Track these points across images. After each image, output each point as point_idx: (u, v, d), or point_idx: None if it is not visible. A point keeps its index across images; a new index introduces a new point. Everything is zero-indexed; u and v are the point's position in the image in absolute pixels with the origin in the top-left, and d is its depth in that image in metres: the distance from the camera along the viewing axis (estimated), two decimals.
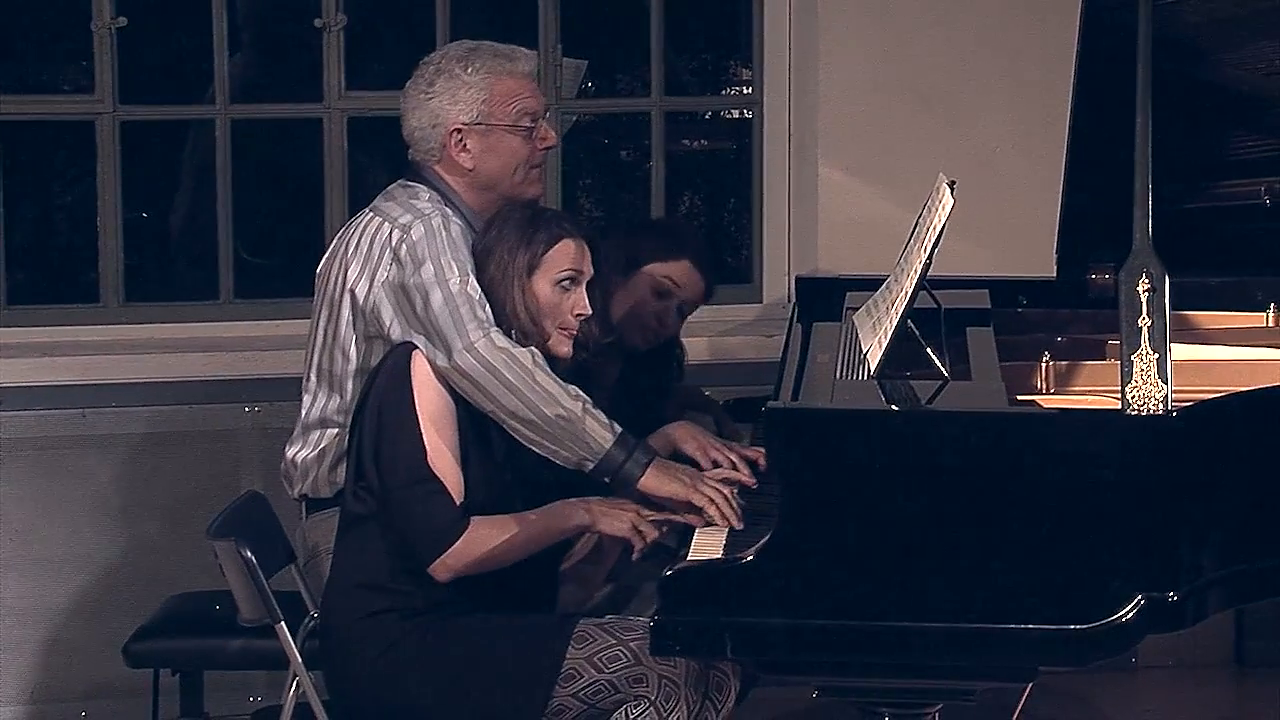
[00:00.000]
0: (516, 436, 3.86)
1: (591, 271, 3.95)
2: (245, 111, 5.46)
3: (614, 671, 3.73)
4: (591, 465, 3.86)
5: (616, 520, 3.82)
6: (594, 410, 3.87)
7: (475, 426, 3.86)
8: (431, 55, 4.26)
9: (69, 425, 5.18)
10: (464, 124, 4.12)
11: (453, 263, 3.94)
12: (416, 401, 3.80)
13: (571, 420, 3.84)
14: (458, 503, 3.78)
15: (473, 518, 3.78)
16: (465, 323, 3.87)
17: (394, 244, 4.01)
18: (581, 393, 3.87)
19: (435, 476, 3.77)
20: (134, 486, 5.21)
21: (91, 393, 5.18)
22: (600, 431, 3.86)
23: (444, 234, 3.98)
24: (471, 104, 4.13)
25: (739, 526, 3.79)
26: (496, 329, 3.87)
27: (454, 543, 3.75)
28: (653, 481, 3.86)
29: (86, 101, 5.37)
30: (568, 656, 3.74)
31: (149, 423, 5.21)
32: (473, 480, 3.83)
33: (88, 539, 5.20)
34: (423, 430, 3.79)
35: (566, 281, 3.89)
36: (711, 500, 3.83)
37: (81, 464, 5.19)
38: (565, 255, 3.90)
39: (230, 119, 5.42)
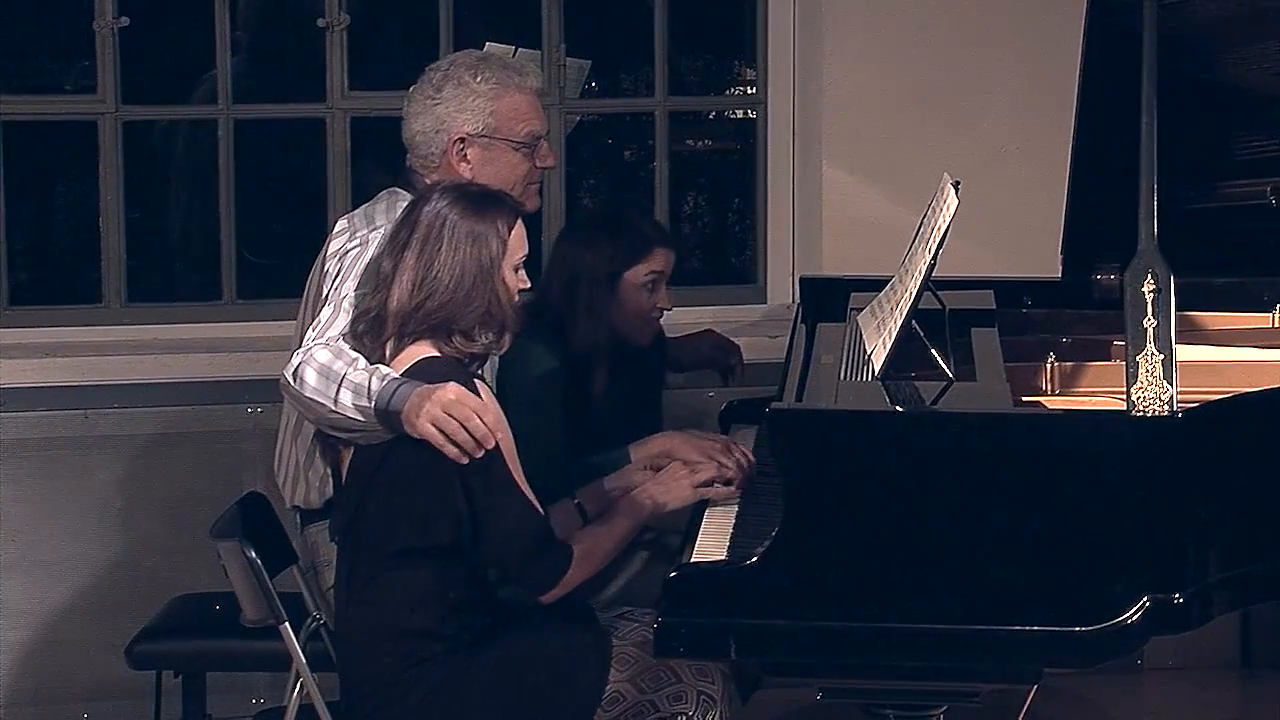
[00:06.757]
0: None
1: None
2: (248, 112, 5.45)
3: (656, 691, 3.75)
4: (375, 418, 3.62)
5: (678, 490, 3.82)
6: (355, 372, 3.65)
7: None
8: (439, 61, 4.22)
9: (71, 426, 5.16)
10: (468, 134, 4.08)
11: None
12: (504, 453, 3.64)
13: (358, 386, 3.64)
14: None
15: (573, 544, 3.72)
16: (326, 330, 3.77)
17: (335, 249, 3.98)
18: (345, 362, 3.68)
19: (550, 527, 3.70)
20: (136, 488, 5.20)
21: (93, 394, 5.17)
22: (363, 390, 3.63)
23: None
24: (478, 114, 4.08)
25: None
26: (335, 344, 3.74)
27: (565, 574, 3.69)
28: (412, 414, 3.57)
29: (89, 101, 5.36)
30: (611, 681, 3.74)
31: (151, 424, 5.20)
32: None
33: (89, 540, 5.19)
34: (520, 484, 3.67)
35: (520, 266, 3.79)
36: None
37: (83, 465, 5.17)
38: (521, 238, 3.78)
39: (233, 119, 5.40)
